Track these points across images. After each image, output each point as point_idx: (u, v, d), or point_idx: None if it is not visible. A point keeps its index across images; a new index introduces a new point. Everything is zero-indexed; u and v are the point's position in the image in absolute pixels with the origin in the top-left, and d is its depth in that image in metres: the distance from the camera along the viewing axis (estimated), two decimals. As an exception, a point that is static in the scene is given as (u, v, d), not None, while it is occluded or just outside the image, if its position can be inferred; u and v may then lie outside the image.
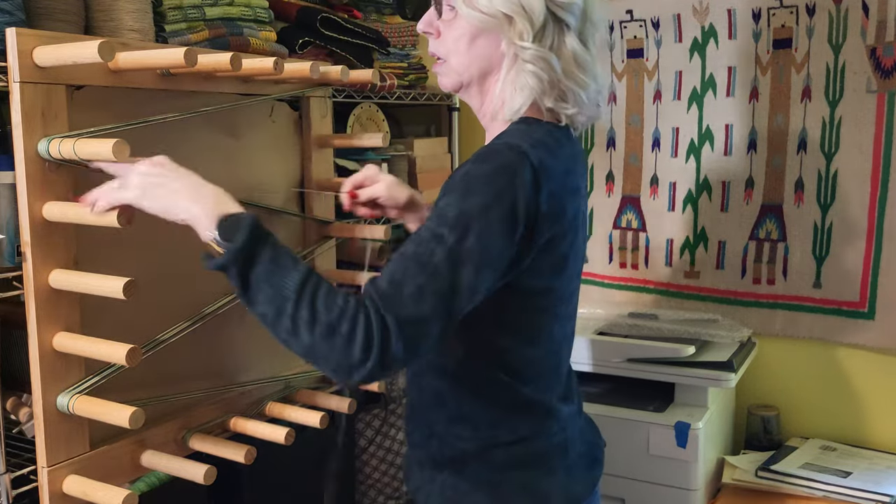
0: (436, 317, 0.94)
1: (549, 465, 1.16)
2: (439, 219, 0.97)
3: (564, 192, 1.05)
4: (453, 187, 0.99)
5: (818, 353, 2.03)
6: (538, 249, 1.03)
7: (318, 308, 0.92)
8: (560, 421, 1.18)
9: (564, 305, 1.15)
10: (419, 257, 0.95)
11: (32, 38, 1.10)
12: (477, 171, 0.99)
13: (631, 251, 2.25)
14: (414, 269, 0.94)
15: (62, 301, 1.16)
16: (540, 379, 1.15)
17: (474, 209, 0.96)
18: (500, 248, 0.98)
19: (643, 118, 2.18)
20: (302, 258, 1.05)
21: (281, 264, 0.95)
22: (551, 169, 1.02)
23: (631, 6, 2.14)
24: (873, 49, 1.85)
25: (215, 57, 1.23)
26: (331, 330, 0.91)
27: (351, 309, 0.92)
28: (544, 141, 1.05)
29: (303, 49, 1.74)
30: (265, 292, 0.94)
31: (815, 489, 1.77)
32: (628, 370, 1.90)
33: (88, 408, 1.15)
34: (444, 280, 0.94)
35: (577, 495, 1.18)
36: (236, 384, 1.48)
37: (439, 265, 0.94)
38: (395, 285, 0.94)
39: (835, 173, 1.94)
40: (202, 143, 1.40)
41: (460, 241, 0.95)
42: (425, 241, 0.96)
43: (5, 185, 1.16)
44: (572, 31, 1.07)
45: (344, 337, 0.91)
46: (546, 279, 1.08)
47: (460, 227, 0.95)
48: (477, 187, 0.97)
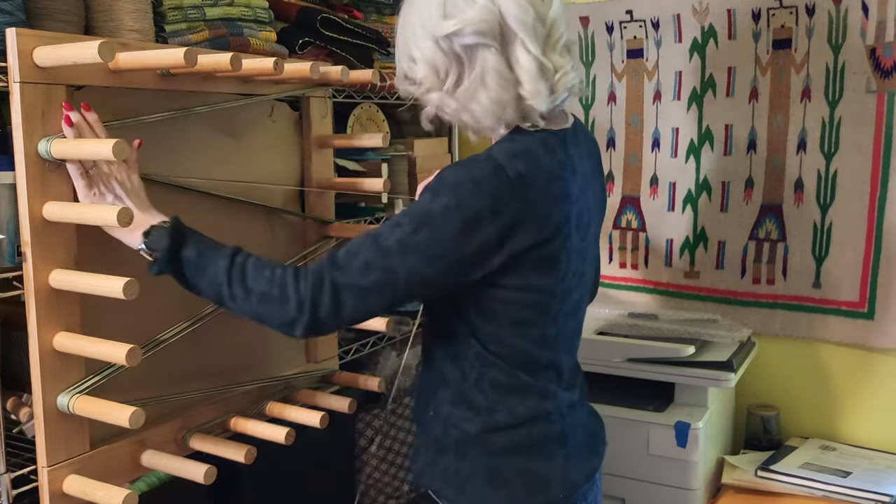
0: (376, 291, 1.08)
1: (547, 451, 1.19)
2: (407, 211, 1.09)
3: (548, 199, 1.09)
4: (429, 187, 1.09)
5: (818, 353, 2.03)
6: (516, 254, 1.09)
7: (249, 284, 1.10)
8: (559, 407, 1.21)
9: (559, 303, 1.18)
10: (378, 237, 1.08)
11: (32, 39, 1.11)
12: (450, 177, 1.08)
13: (631, 251, 2.25)
14: (370, 245, 1.08)
15: (62, 301, 1.16)
16: (535, 367, 1.19)
17: (436, 209, 1.06)
18: (453, 249, 1.06)
19: (643, 118, 2.18)
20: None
21: (206, 256, 1.12)
22: (530, 178, 1.08)
23: (631, 6, 2.14)
24: (873, 49, 1.85)
25: (215, 57, 1.23)
26: (263, 297, 1.09)
27: (278, 276, 1.09)
28: (529, 151, 1.10)
29: (303, 49, 1.74)
30: (203, 283, 1.12)
31: (814, 489, 1.77)
32: (628, 370, 1.90)
33: (89, 408, 1.15)
34: (392, 261, 1.06)
35: (574, 482, 1.21)
36: (236, 384, 1.48)
37: (391, 248, 1.07)
38: (350, 254, 1.09)
39: (834, 173, 1.94)
40: (202, 143, 1.40)
41: (414, 232, 1.06)
42: (388, 226, 1.09)
43: (5, 185, 1.16)
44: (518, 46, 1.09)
45: (277, 299, 1.08)
46: (531, 279, 1.12)
47: (418, 221, 1.07)
48: (444, 190, 1.07)
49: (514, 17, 1.08)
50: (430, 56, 1.12)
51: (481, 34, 1.08)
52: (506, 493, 1.17)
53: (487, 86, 1.09)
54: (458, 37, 1.09)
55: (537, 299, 1.15)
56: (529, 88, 1.09)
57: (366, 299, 1.08)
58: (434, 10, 1.10)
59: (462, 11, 1.08)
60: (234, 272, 1.10)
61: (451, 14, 1.09)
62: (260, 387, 1.51)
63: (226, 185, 1.45)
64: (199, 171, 1.40)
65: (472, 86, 1.10)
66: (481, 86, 1.10)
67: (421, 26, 1.12)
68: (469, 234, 1.05)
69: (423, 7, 1.12)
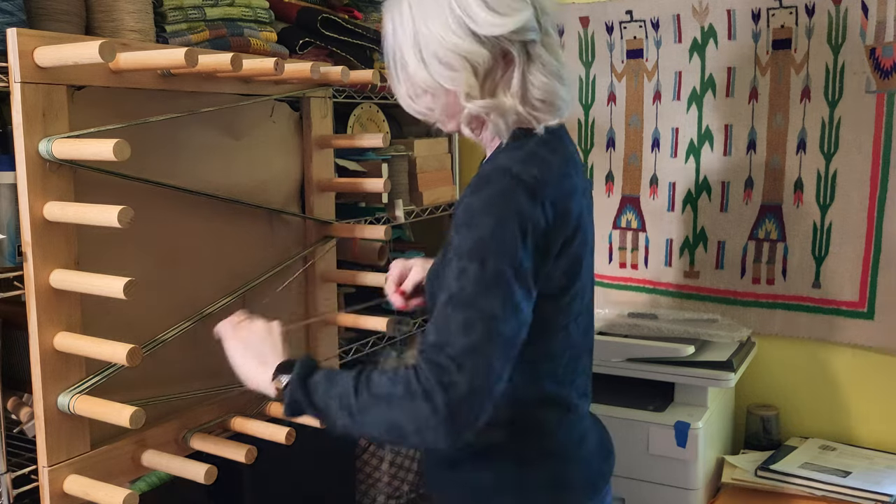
0: (489, 342, 0.97)
1: (569, 456, 1.19)
2: (458, 256, 1.01)
3: (565, 196, 1.08)
4: (460, 223, 1.04)
5: (817, 352, 2.03)
6: (554, 256, 1.07)
7: (374, 390, 1.00)
8: (580, 412, 1.21)
9: (579, 301, 1.17)
10: (452, 298, 0.99)
11: (33, 39, 1.11)
12: (476, 203, 1.03)
13: (631, 251, 2.25)
14: (452, 310, 0.99)
15: (63, 301, 1.16)
16: (561, 374, 1.17)
17: (485, 236, 1.00)
18: (520, 264, 1.01)
19: (643, 118, 2.18)
20: (303, 260, 1.08)
21: (334, 380, 1.04)
22: (546, 179, 1.06)
23: (631, 7, 2.14)
24: (873, 49, 1.86)
25: (216, 57, 1.24)
26: (389, 399, 0.98)
27: (401, 374, 0.99)
28: (535, 153, 1.08)
29: (303, 49, 1.74)
30: (332, 403, 1.03)
31: (814, 489, 1.77)
32: (628, 370, 1.90)
33: (89, 407, 1.15)
34: (484, 305, 0.98)
35: (596, 485, 1.21)
36: (236, 384, 1.47)
37: (472, 296, 0.98)
38: (441, 330, 0.99)
39: (834, 173, 1.94)
40: (203, 144, 1.40)
41: (483, 266, 0.99)
42: (454, 281, 1.00)
43: (6, 185, 1.16)
44: (536, 44, 1.09)
45: (401, 397, 0.97)
46: (563, 281, 1.11)
47: (479, 255, 1.00)
48: (480, 218, 1.02)
49: (547, 20, 1.09)
50: (471, 55, 1.07)
51: (534, 30, 1.08)
52: (530, 502, 1.16)
53: (537, 75, 1.09)
54: (520, 34, 1.07)
55: (564, 302, 1.13)
56: (551, 88, 1.10)
57: (487, 354, 0.97)
58: (474, 6, 1.06)
59: (513, 9, 1.06)
60: (361, 384, 1.01)
61: (503, 11, 1.06)
62: (260, 387, 1.51)
63: (226, 185, 1.45)
64: (199, 171, 1.40)
65: (487, 105, 1.08)
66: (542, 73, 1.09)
67: (456, 22, 1.06)
68: (524, 241, 1.02)
69: (451, 4, 1.07)
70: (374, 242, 1.88)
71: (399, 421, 0.97)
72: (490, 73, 1.09)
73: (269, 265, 1.54)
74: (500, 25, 1.05)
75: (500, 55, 1.08)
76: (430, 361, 0.97)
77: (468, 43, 1.06)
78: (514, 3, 1.07)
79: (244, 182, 1.49)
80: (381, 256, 1.89)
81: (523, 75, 1.09)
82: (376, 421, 0.99)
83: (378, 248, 1.88)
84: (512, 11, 1.06)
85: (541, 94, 1.10)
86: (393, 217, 1.90)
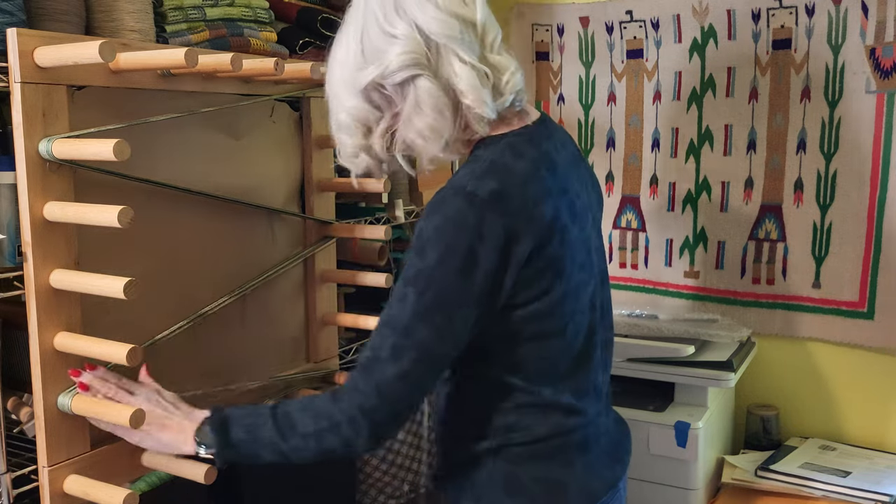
0: (417, 368, 1.04)
1: (566, 458, 1.18)
2: (404, 280, 1.06)
3: (532, 202, 1.07)
4: (414, 247, 1.07)
5: (817, 352, 2.03)
6: (522, 265, 1.07)
7: (299, 430, 1.07)
8: (585, 416, 1.19)
9: (572, 301, 1.15)
10: (390, 321, 1.06)
11: (33, 39, 1.11)
12: (429, 227, 1.05)
13: (631, 251, 2.25)
14: (388, 332, 1.05)
15: (63, 301, 1.16)
16: (557, 379, 1.16)
17: (431, 264, 1.04)
18: (466, 292, 1.04)
19: (643, 118, 2.18)
20: (302, 259, 1.09)
21: (254, 433, 1.10)
22: (505, 191, 1.05)
23: (631, 7, 2.14)
24: (872, 49, 1.86)
25: (216, 57, 1.24)
26: (318, 436, 1.07)
27: (320, 408, 1.07)
28: (495, 163, 1.08)
29: (303, 49, 1.74)
30: (265, 451, 1.10)
31: (814, 489, 1.77)
32: (628, 370, 1.90)
33: (89, 407, 1.15)
34: (417, 334, 1.04)
35: (595, 492, 1.19)
36: (236, 384, 1.48)
37: (408, 322, 1.04)
38: (374, 351, 1.06)
39: (834, 173, 1.94)
40: (203, 144, 1.40)
41: (421, 295, 1.04)
42: (394, 306, 1.06)
43: (6, 186, 1.16)
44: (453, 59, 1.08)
45: (328, 430, 1.06)
46: (542, 284, 1.10)
47: (420, 284, 1.04)
48: (430, 244, 1.04)
49: (439, 34, 1.06)
50: (357, 113, 1.11)
51: (410, 66, 1.06)
52: (523, 501, 1.15)
53: (423, 112, 1.07)
54: (386, 79, 1.07)
55: (551, 304, 1.12)
56: (472, 97, 1.07)
57: (413, 381, 1.05)
58: (353, 63, 1.09)
59: (383, 53, 1.06)
60: (283, 429, 1.08)
61: (372, 60, 1.07)
62: (260, 387, 1.51)
63: (226, 185, 1.45)
64: (199, 171, 1.40)
65: (408, 116, 1.09)
66: (417, 114, 1.08)
67: (344, 86, 1.11)
68: (473, 272, 1.03)
69: (342, 67, 1.11)
70: (374, 242, 1.88)
71: (330, 447, 1.07)
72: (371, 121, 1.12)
73: (269, 265, 1.55)
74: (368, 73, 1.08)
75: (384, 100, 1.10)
76: (354, 390, 1.05)
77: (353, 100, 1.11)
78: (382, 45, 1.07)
79: (244, 182, 1.49)
80: (381, 256, 1.89)
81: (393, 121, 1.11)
82: (310, 454, 1.08)
83: (378, 248, 1.88)
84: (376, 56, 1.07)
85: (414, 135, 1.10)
86: (393, 217, 1.91)
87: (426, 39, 1.06)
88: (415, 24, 1.06)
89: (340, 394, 1.07)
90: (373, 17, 1.08)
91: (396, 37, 1.06)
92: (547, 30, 2.29)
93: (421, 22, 1.06)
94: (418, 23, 1.06)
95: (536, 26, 2.30)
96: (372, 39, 1.07)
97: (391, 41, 1.06)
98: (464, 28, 1.07)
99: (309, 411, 1.08)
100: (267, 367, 1.56)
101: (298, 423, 1.08)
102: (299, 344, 1.66)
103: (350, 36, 1.10)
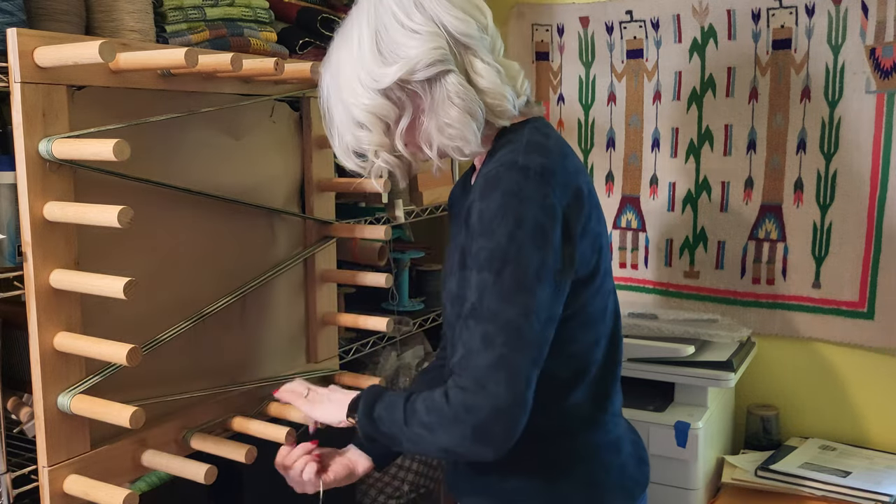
0: (512, 353, 0.99)
1: (604, 461, 1.17)
2: (477, 266, 1.02)
3: (573, 176, 1.08)
4: (475, 231, 1.03)
5: (817, 352, 2.03)
6: (578, 239, 1.06)
7: (418, 420, 1.05)
8: (613, 414, 1.20)
9: (610, 280, 1.17)
10: (475, 310, 1.01)
11: (33, 39, 1.11)
12: (489, 207, 1.03)
13: (631, 251, 2.25)
14: (474, 322, 1.01)
15: (63, 301, 1.16)
16: (599, 368, 1.16)
17: (502, 242, 1.00)
18: (541, 263, 1.01)
19: (643, 118, 2.18)
20: (303, 259, 1.07)
21: (391, 412, 1.09)
22: (551, 163, 1.05)
23: (631, 7, 2.14)
24: (872, 49, 1.86)
25: (216, 57, 1.24)
26: (430, 428, 1.03)
27: (434, 402, 1.03)
28: (531, 141, 1.08)
29: (303, 49, 1.74)
30: (399, 436, 1.08)
31: (814, 489, 1.77)
32: (628, 370, 1.89)
33: (89, 407, 1.15)
34: (506, 315, 0.99)
35: (631, 492, 1.19)
36: (236, 384, 1.48)
37: (494, 307, 1.00)
38: (465, 344, 1.01)
39: (834, 173, 1.94)
40: (203, 144, 1.40)
41: (499, 275, 1.00)
42: (475, 293, 1.02)
43: (6, 185, 1.16)
44: (473, 58, 1.09)
45: (438, 426, 1.02)
46: (593, 260, 1.10)
47: (496, 264, 1.00)
48: (495, 222, 1.01)
49: (462, 32, 1.07)
50: (378, 110, 1.09)
51: (439, 62, 1.06)
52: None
53: (453, 107, 1.07)
54: (413, 75, 1.06)
55: (598, 281, 1.12)
56: (495, 94, 1.09)
57: (511, 366, 0.99)
58: (369, 63, 1.07)
59: (404, 49, 1.06)
60: (408, 413, 1.06)
61: (392, 58, 1.06)
62: (260, 387, 1.51)
63: (226, 185, 1.45)
64: (199, 171, 1.40)
65: (436, 112, 1.08)
66: (446, 109, 1.07)
67: (359, 84, 1.08)
68: (547, 244, 1.01)
69: (353, 67, 1.09)
70: (374, 242, 1.88)
71: (445, 444, 1.03)
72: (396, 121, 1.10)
73: (269, 265, 1.55)
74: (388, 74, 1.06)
75: (408, 97, 1.09)
76: (456, 386, 1.01)
77: (372, 98, 1.08)
78: (403, 40, 1.06)
79: (244, 182, 1.49)
80: (381, 256, 1.89)
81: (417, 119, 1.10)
82: (429, 446, 1.05)
83: (378, 248, 1.88)
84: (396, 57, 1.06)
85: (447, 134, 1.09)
86: (393, 217, 1.90)
87: (449, 36, 1.07)
88: (438, 21, 1.06)
89: (450, 388, 1.02)
90: (389, 14, 1.07)
91: (419, 32, 1.06)
92: (547, 30, 2.29)
93: (445, 20, 1.06)
94: (442, 20, 1.06)
95: (536, 26, 2.30)
96: (391, 35, 1.06)
97: (413, 36, 1.06)
98: (479, 29, 1.09)
99: (428, 402, 1.04)
100: (267, 367, 1.57)
101: (417, 411, 1.05)
102: (299, 344, 1.66)
103: (361, 34, 1.09)
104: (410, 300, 2.14)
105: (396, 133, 1.10)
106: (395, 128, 1.10)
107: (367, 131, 1.10)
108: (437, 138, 1.10)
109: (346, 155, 1.15)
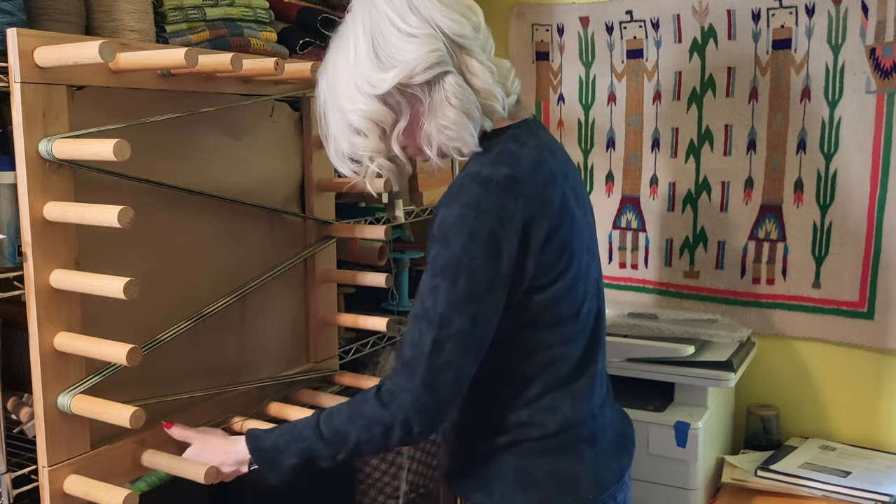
0: (460, 356, 1.06)
1: (577, 451, 1.19)
2: (432, 271, 1.07)
3: (542, 186, 1.10)
4: (435, 238, 1.08)
5: (817, 352, 2.03)
6: (540, 248, 1.09)
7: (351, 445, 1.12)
8: (592, 407, 1.21)
9: (583, 284, 1.18)
10: (425, 314, 1.06)
11: (33, 39, 1.11)
12: (449, 216, 1.07)
13: (630, 251, 2.25)
14: (425, 326, 1.06)
15: (63, 301, 1.16)
16: (569, 369, 1.18)
17: (456, 252, 1.05)
18: (494, 276, 1.06)
19: (643, 118, 2.18)
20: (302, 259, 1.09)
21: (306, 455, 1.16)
22: (517, 174, 1.08)
23: (631, 7, 2.14)
24: (873, 49, 1.86)
25: (216, 57, 1.24)
26: (371, 442, 1.10)
27: (374, 416, 1.09)
28: (503, 151, 1.11)
29: (303, 49, 1.74)
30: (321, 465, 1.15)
31: (814, 489, 1.77)
32: (628, 370, 1.90)
33: (89, 407, 1.15)
34: (454, 323, 1.05)
35: (605, 481, 1.20)
36: (236, 384, 1.48)
37: (445, 313, 1.05)
38: (415, 347, 1.07)
39: (834, 173, 1.94)
40: (203, 144, 1.40)
41: (453, 285, 1.05)
42: (427, 296, 1.07)
43: (6, 185, 1.16)
44: (467, 58, 1.11)
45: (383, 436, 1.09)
46: (559, 267, 1.12)
47: (450, 273, 1.05)
48: (452, 231, 1.05)
49: (456, 33, 1.09)
50: (375, 116, 1.10)
51: (437, 64, 1.07)
52: (535, 494, 1.17)
53: (452, 108, 1.09)
54: (412, 78, 1.07)
55: (566, 287, 1.14)
56: (487, 94, 1.11)
57: (457, 370, 1.07)
58: (366, 68, 1.09)
59: (401, 53, 1.07)
60: (334, 442, 1.12)
61: (390, 63, 1.08)
62: (260, 387, 1.51)
63: (226, 185, 1.45)
64: (199, 171, 1.40)
65: (434, 113, 1.10)
66: (446, 110, 1.09)
67: (356, 89, 1.10)
68: (499, 256, 1.05)
69: (350, 74, 1.10)
70: (374, 242, 1.88)
71: (382, 447, 1.11)
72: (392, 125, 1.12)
73: (269, 265, 1.55)
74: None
75: (407, 100, 1.11)
76: (402, 389, 1.07)
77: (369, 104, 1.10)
78: (400, 44, 1.07)
79: (244, 182, 1.49)
80: (381, 256, 1.89)
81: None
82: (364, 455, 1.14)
83: (378, 248, 1.88)
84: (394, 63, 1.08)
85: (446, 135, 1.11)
86: (393, 217, 1.90)
87: (445, 37, 1.08)
88: (434, 23, 1.07)
89: (387, 396, 1.08)
90: (384, 18, 1.08)
91: (416, 35, 1.07)
92: (547, 30, 2.29)
93: (440, 22, 1.08)
94: (437, 22, 1.07)
95: (536, 26, 2.30)
96: (388, 40, 1.08)
97: (410, 40, 1.07)
98: (473, 30, 1.11)
99: (359, 421, 1.10)
100: (267, 367, 1.56)
101: (351, 436, 1.10)
102: (299, 344, 1.66)
103: (357, 40, 1.10)
104: (410, 300, 2.14)
105: (392, 137, 1.12)
106: (391, 132, 1.12)
107: (363, 137, 1.13)
108: (436, 139, 1.12)
109: (340, 161, 1.18)
